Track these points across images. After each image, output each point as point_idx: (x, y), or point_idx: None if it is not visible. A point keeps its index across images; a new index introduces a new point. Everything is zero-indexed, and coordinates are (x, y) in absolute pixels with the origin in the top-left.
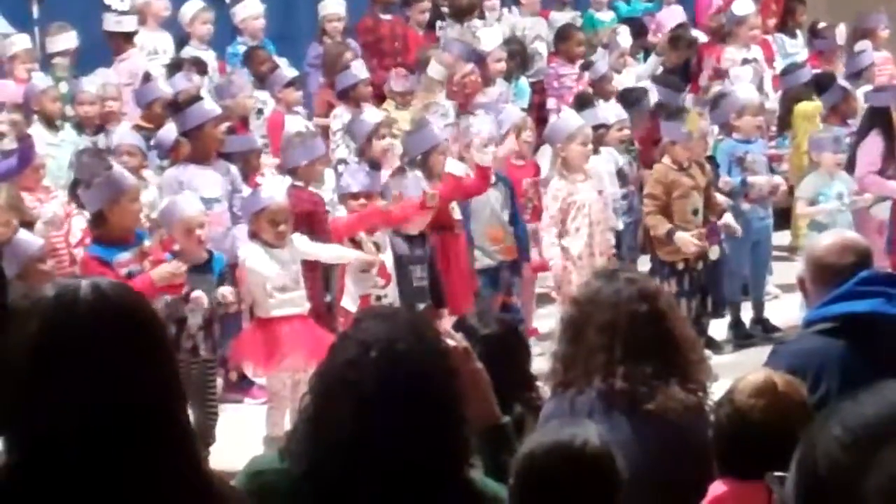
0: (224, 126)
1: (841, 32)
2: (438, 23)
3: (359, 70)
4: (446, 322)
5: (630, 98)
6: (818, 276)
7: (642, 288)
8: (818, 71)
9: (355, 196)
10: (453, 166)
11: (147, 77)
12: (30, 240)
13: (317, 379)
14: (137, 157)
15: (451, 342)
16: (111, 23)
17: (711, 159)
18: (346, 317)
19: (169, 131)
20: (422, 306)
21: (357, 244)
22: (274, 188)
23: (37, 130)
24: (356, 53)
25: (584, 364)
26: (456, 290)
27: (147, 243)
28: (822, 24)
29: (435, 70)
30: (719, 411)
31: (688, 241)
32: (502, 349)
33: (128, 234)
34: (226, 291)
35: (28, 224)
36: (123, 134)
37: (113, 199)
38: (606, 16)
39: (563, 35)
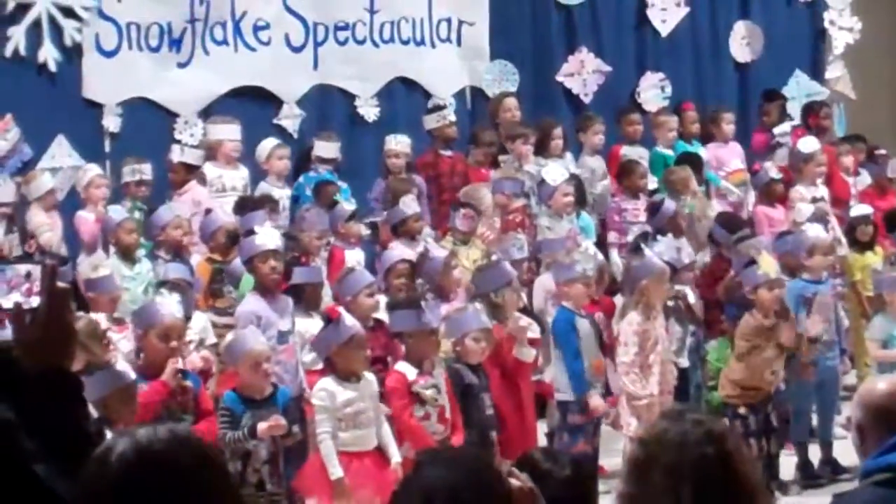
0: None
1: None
2: (501, 157)
3: (407, 205)
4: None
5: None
6: (876, 423)
7: (709, 430)
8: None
9: (433, 332)
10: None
11: (208, 211)
12: (124, 371)
13: None
14: (184, 289)
15: (515, 482)
16: (178, 153)
17: None
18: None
19: (239, 263)
20: (494, 434)
21: (415, 395)
22: (351, 317)
23: (113, 263)
24: (420, 189)
25: None
26: (520, 430)
27: (188, 383)
28: (880, 151)
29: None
30: None
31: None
32: (572, 492)
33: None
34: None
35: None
36: (170, 268)
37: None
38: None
39: (625, 169)
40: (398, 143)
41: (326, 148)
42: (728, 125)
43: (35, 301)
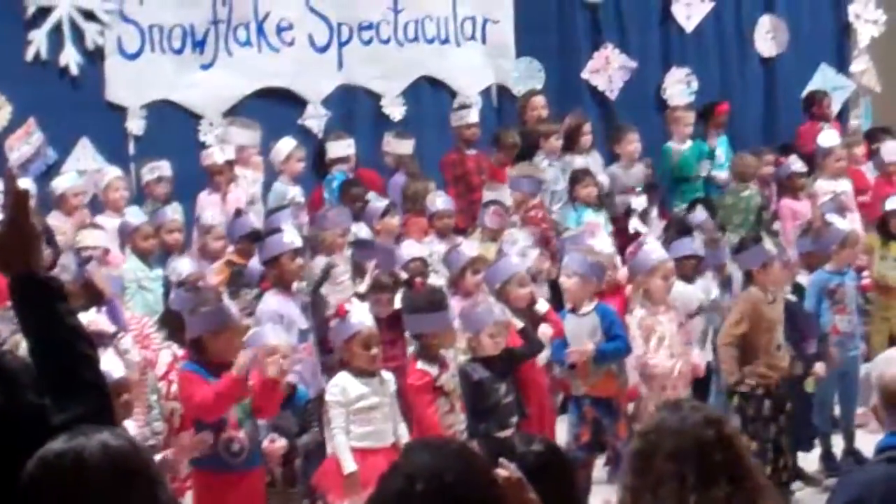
0: (300, 260)
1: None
2: (539, 153)
3: (433, 201)
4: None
5: None
6: (890, 403)
7: (708, 414)
8: None
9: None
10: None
11: (238, 213)
12: (111, 369)
13: None
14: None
15: (503, 472)
16: (220, 154)
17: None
18: None
19: (257, 263)
20: (514, 420)
21: (439, 389)
22: (363, 313)
23: (133, 264)
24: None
25: (652, 494)
26: (535, 417)
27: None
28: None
29: None
30: None
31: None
32: (544, 470)
33: (224, 367)
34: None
35: None
36: (184, 265)
37: (216, 330)
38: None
39: None
40: (387, 144)
41: (333, 147)
42: None
43: None
